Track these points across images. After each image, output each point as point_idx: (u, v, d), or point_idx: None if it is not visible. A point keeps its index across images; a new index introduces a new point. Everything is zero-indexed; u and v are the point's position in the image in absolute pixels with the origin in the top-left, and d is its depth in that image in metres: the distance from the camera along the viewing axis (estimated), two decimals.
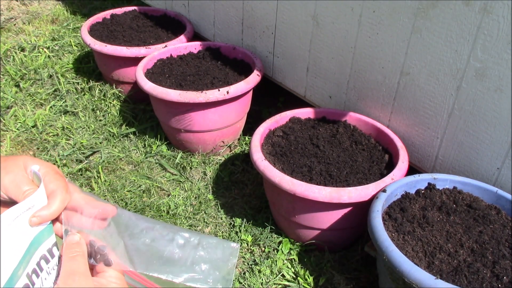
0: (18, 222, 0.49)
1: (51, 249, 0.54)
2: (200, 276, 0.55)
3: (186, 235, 0.58)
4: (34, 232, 0.51)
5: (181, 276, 0.55)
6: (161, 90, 1.81)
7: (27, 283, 0.49)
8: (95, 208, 0.56)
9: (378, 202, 1.27)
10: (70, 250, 0.53)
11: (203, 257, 0.57)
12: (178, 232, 0.57)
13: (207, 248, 0.57)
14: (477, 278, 1.09)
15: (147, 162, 2.00)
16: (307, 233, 1.53)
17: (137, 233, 0.57)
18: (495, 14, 1.20)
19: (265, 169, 1.44)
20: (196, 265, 0.56)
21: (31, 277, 0.50)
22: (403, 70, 1.50)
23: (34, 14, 3.31)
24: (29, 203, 0.50)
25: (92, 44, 2.26)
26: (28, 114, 2.30)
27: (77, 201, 0.56)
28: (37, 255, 0.51)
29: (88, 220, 0.55)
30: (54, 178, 0.54)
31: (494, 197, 1.33)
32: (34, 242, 0.51)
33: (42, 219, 0.51)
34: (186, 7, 2.58)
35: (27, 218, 0.50)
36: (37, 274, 0.51)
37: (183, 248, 0.57)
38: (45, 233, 0.53)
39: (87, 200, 0.56)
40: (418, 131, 1.53)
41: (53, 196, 0.53)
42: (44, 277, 0.52)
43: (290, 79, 2.03)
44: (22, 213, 0.49)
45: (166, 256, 0.56)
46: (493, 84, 1.27)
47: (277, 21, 1.95)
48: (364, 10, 1.55)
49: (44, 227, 0.52)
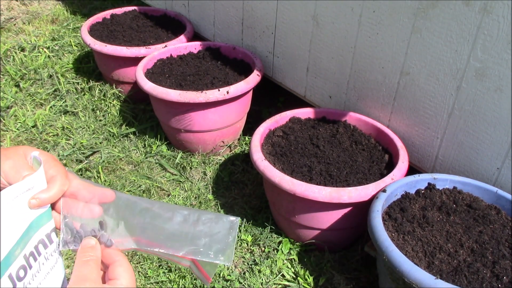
0: (17, 202, 0.49)
1: (50, 234, 0.54)
2: (201, 249, 0.55)
3: (185, 212, 0.58)
4: (33, 215, 0.51)
5: (183, 249, 0.55)
6: (161, 90, 1.81)
7: (24, 264, 0.49)
8: (93, 193, 0.57)
9: (378, 202, 1.27)
10: (84, 254, 0.53)
11: (203, 231, 0.57)
12: (177, 210, 0.58)
13: (207, 223, 0.58)
14: (477, 278, 1.09)
15: (147, 162, 2.00)
16: (307, 233, 1.53)
17: (137, 212, 0.58)
18: (495, 14, 1.20)
19: (265, 169, 1.44)
20: (197, 239, 0.56)
21: (28, 260, 0.50)
22: (403, 70, 1.50)
23: (34, 14, 3.31)
24: (29, 183, 0.51)
25: (92, 44, 2.26)
26: (28, 114, 2.30)
27: (76, 187, 0.57)
28: (35, 239, 0.52)
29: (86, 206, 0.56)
30: (54, 164, 0.55)
31: (494, 197, 1.33)
32: (33, 225, 0.51)
33: (41, 202, 0.52)
34: (186, 7, 2.58)
35: (27, 200, 0.51)
36: (34, 257, 0.51)
37: (182, 224, 0.57)
38: (44, 218, 0.53)
39: (86, 186, 0.57)
40: (418, 131, 1.53)
41: (53, 180, 0.54)
42: (42, 262, 0.52)
43: (290, 79, 2.03)
44: (22, 194, 0.50)
45: (167, 233, 0.57)
46: (493, 84, 1.27)
47: (277, 21, 1.95)
48: (364, 10, 1.55)
49: (43, 211, 0.53)
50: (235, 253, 1.59)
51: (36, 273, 0.51)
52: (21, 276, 0.48)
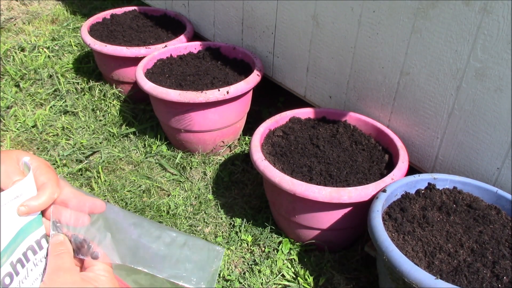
0: (5, 210, 0.49)
1: (40, 240, 0.54)
2: (184, 274, 0.55)
3: (173, 234, 0.58)
4: (22, 222, 0.51)
5: (166, 272, 0.55)
6: (161, 90, 1.81)
7: (10, 271, 0.49)
8: (84, 202, 0.57)
9: (378, 202, 1.27)
10: (55, 249, 0.53)
11: (188, 257, 0.57)
12: (165, 231, 0.58)
13: (193, 248, 0.58)
14: (477, 278, 1.09)
15: (147, 162, 2.00)
16: (307, 233, 1.53)
17: (124, 228, 0.57)
18: (495, 14, 1.20)
19: (265, 169, 1.44)
20: (180, 264, 0.56)
21: (15, 266, 0.50)
22: (403, 70, 1.50)
23: (34, 14, 3.31)
24: (17, 190, 0.50)
25: (92, 44, 2.26)
26: (28, 114, 2.30)
27: (66, 195, 0.56)
28: (24, 245, 0.51)
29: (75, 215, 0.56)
30: (45, 171, 0.55)
31: (494, 197, 1.33)
32: (22, 231, 0.51)
33: (30, 209, 0.52)
34: (186, 7, 2.58)
35: (15, 207, 0.50)
36: (22, 264, 0.51)
37: (169, 246, 0.57)
38: (33, 224, 0.53)
39: (77, 194, 0.57)
40: (418, 131, 1.53)
41: (43, 188, 0.53)
42: (30, 268, 0.52)
43: (290, 79, 2.03)
44: (10, 201, 0.49)
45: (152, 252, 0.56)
46: (493, 84, 1.27)
47: (277, 21, 1.95)
48: (364, 10, 1.55)
49: (33, 218, 0.52)
50: (235, 253, 1.59)
51: (24, 280, 0.50)
52: (6, 283, 0.48)
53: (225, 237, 1.65)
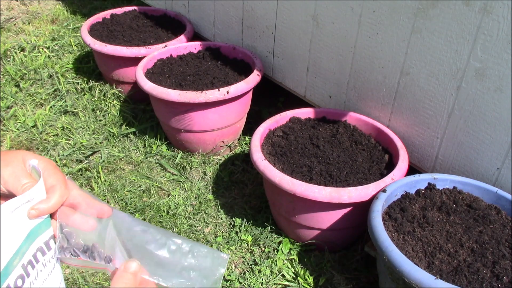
0: (16, 214, 0.50)
1: (48, 241, 0.54)
2: (188, 283, 0.56)
3: (178, 241, 0.58)
4: (31, 224, 0.52)
5: (170, 280, 0.56)
6: (161, 90, 1.81)
7: (22, 273, 0.49)
8: (92, 206, 0.57)
9: (378, 202, 1.27)
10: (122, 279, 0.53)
11: (192, 265, 0.58)
12: (171, 238, 0.58)
13: (198, 256, 0.58)
14: (477, 278, 1.09)
15: (147, 162, 2.00)
16: (307, 233, 1.53)
17: (130, 234, 0.58)
18: (495, 14, 1.20)
19: (265, 169, 1.44)
20: (185, 272, 0.57)
21: (27, 268, 0.50)
22: (403, 70, 1.50)
23: (34, 14, 3.31)
24: (29, 196, 0.51)
25: (92, 44, 2.26)
26: (28, 114, 2.30)
27: (75, 198, 0.56)
28: (34, 247, 0.52)
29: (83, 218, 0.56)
30: (53, 172, 0.55)
31: (494, 197, 1.33)
32: (31, 234, 0.52)
33: (41, 212, 0.52)
34: (186, 7, 2.58)
35: (26, 210, 0.51)
36: (32, 265, 0.51)
37: (174, 254, 0.58)
38: (42, 226, 0.53)
39: (85, 197, 0.57)
40: (418, 131, 1.53)
41: (52, 190, 0.53)
42: (39, 269, 0.52)
43: (290, 79, 2.03)
44: (21, 205, 0.50)
45: (157, 260, 0.57)
46: (493, 84, 1.27)
47: (277, 21, 1.95)
48: (364, 10, 1.55)
49: (41, 220, 0.53)
50: (235, 253, 1.59)
51: (34, 280, 0.51)
52: (19, 285, 0.49)
53: (225, 237, 1.65)
